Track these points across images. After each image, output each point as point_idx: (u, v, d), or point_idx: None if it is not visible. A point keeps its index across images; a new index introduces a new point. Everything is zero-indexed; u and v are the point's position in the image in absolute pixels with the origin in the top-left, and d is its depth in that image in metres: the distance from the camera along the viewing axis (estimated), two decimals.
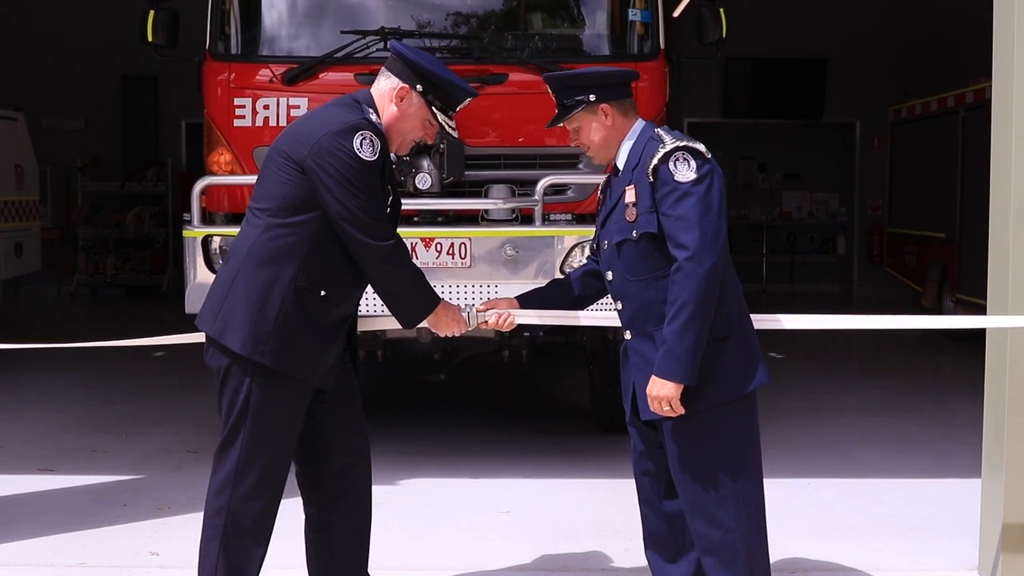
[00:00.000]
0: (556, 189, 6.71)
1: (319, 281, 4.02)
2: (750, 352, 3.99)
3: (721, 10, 6.96)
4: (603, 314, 4.59)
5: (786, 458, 7.04)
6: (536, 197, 6.53)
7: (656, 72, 6.82)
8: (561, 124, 4.13)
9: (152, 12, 6.90)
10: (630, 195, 3.94)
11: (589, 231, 6.47)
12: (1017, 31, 4.68)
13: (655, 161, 3.85)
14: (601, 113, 4.03)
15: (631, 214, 3.92)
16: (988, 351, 4.84)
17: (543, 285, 4.54)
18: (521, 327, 7.00)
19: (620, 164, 4.05)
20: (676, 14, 7.62)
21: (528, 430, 8.22)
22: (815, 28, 17.58)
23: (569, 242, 6.53)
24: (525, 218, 6.66)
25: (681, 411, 3.85)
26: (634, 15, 6.99)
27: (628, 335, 4.04)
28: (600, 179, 6.53)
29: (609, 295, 4.20)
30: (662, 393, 3.83)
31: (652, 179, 3.85)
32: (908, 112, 14.13)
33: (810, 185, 19.49)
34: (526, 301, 4.40)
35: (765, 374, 4.02)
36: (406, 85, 4.09)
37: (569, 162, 6.82)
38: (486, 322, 4.35)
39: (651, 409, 3.90)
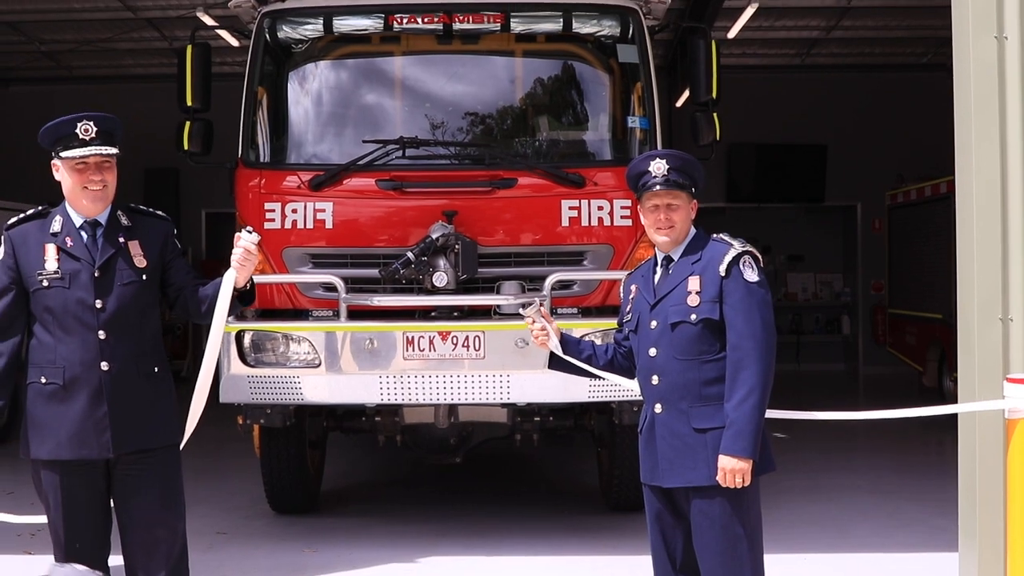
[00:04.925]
0: (563, 284, 7.10)
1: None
2: (767, 435, 4.44)
3: (715, 115, 7.45)
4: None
5: (785, 534, 7.37)
6: (544, 292, 6.92)
7: None
8: (659, 192, 4.44)
9: (188, 123, 7.37)
10: (694, 284, 4.39)
11: (595, 323, 6.91)
12: (975, 127, 5.16)
13: (728, 259, 4.35)
14: (692, 206, 4.50)
15: (694, 300, 4.38)
16: (960, 431, 5.27)
17: (581, 337, 4.83)
18: (525, 411, 7.35)
19: (676, 255, 4.49)
20: (679, 104, 8.10)
21: (539, 510, 8.54)
22: (814, 115, 18.13)
23: (576, 334, 6.80)
24: None
25: (748, 482, 4.29)
26: (633, 122, 7.48)
27: (658, 408, 4.43)
28: (603, 275, 7.05)
29: (640, 371, 4.54)
30: (738, 467, 4.25)
31: (725, 274, 4.34)
32: (904, 196, 14.58)
33: (814, 266, 19.92)
34: (567, 344, 4.77)
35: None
36: (53, 161, 4.52)
37: (575, 259, 7.23)
38: (532, 320, 4.69)
39: (723, 482, 4.27)
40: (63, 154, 4.45)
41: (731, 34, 14.94)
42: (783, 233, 19.54)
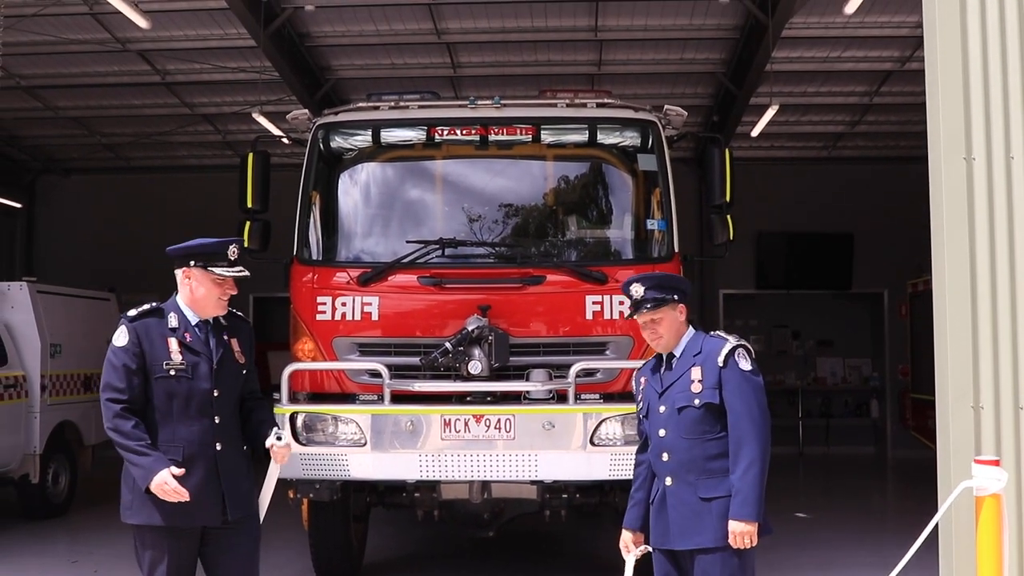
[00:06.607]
0: (587, 372, 7.63)
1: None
2: (763, 503, 5.05)
3: (728, 216, 8.07)
4: None
5: None
6: (570, 380, 7.44)
7: (672, 270, 7.82)
8: (643, 313, 5.14)
9: (248, 223, 8.07)
10: (696, 374, 5.08)
11: (616, 408, 7.45)
12: (946, 235, 5.78)
13: (725, 351, 5.03)
14: (678, 311, 5.20)
15: (697, 387, 5.06)
16: (939, 508, 5.81)
17: (634, 506, 5.32)
18: (554, 488, 7.82)
19: (678, 352, 5.18)
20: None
21: None
22: (841, 205, 18.70)
23: (598, 418, 7.40)
24: (560, 397, 7.57)
25: (755, 543, 4.90)
26: (652, 225, 8.06)
27: (668, 481, 5.07)
28: (623, 364, 7.62)
29: (652, 450, 5.16)
30: (746, 530, 4.89)
31: (723, 364, 5.00)
32: (924, 285, 15.08)
33: (843, 351, 20.30)
34: (637, 522, 5.26)
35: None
36: (184, 268, 5.23)
37: (598, 349, 7.76)
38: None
39: (734, 544, 4.88)
40: (212, 269, 5.18)
41: (755, 132, 15.62)
42: (812, 319, 19.99)
